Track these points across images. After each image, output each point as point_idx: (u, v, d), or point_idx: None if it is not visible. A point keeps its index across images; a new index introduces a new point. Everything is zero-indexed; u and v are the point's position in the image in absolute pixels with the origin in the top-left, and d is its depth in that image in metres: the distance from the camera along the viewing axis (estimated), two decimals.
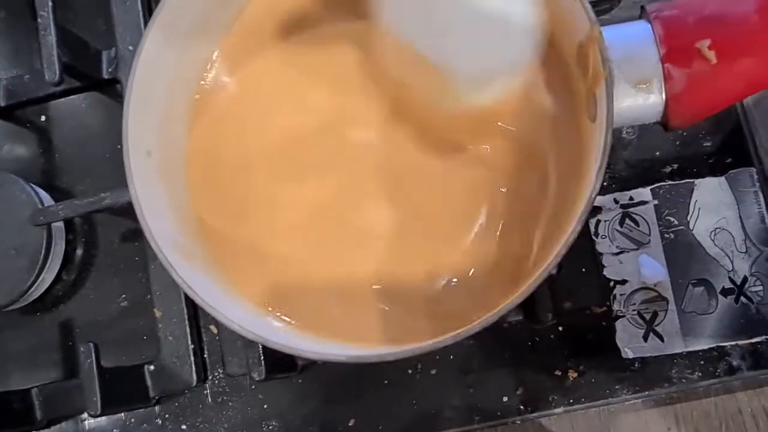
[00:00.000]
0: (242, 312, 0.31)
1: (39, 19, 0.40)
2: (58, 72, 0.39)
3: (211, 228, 0.33)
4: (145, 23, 0.43)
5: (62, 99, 0.45)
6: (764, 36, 0.26)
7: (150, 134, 0.32)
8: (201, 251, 0.32)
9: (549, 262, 0.25)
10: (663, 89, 0.28)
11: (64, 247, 0.43)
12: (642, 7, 0.29)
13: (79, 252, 0.43)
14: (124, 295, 0.42)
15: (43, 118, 0.45)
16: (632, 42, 0.28)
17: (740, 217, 0.38)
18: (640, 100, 0.28)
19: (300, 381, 0.39)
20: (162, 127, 0.32)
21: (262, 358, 0.35)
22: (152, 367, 0.39)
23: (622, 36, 0.28)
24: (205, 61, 0.35)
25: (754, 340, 0.37)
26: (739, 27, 0.26)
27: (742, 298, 0.37)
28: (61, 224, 0.42)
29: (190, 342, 0.40)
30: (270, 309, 0.32)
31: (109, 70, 0.44)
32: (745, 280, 0.38)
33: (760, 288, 0.37)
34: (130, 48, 0.43)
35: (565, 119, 0.30)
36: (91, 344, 0.37)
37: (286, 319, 0.32)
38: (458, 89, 0.30)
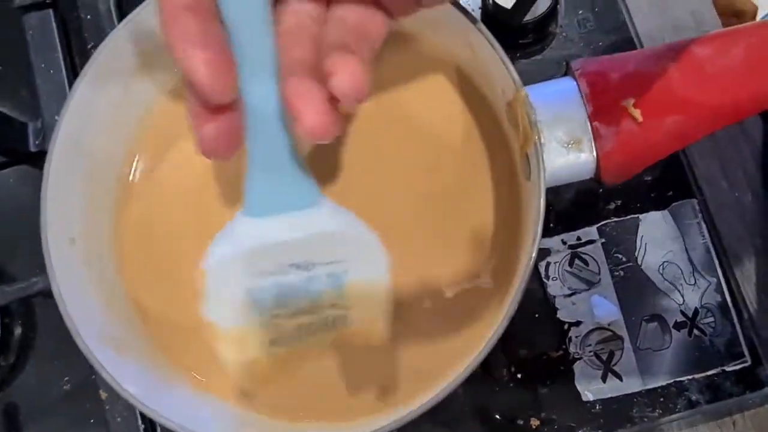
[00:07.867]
0: (183, 402, 0.29)
1: None
2: None
3: (148, 312, 0.32)
4: None
5: None
6: (686, 93, 0.26)
7: (73, 220, 0.30)
8: (137, 339, 0.31)
9: (480, 350, 0.24)
10: (594, 147, 0.28)
11: (0, 331, 0.40)
12: (567, 64, 0.29)
13: (17, 334, 0.41)
14: (67, 378, 0.40)
15: None
16: (560, 101, 0.28)
17: (686, 249, 0.38)
18: (572, 159, 0.28)
19: None
20: (86, 212, 0.31)
21: None
22: None
23: (549, 95, 0.28)
24: (128, 143, 0.34)
25: (709, 373, 0.37)
26: (661, 85, 0.26)
27: (695, 331, 0.37)
28: None
29: (140, 422, 0.38)
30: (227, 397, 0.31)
31: (36, 142, 0.42)
32: (696, 312, 0.38)
33: (712, 319, 0.38)
34: (57, 118, 0.41)
35: (503, 178, 0.30)
36: None
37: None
38: None
